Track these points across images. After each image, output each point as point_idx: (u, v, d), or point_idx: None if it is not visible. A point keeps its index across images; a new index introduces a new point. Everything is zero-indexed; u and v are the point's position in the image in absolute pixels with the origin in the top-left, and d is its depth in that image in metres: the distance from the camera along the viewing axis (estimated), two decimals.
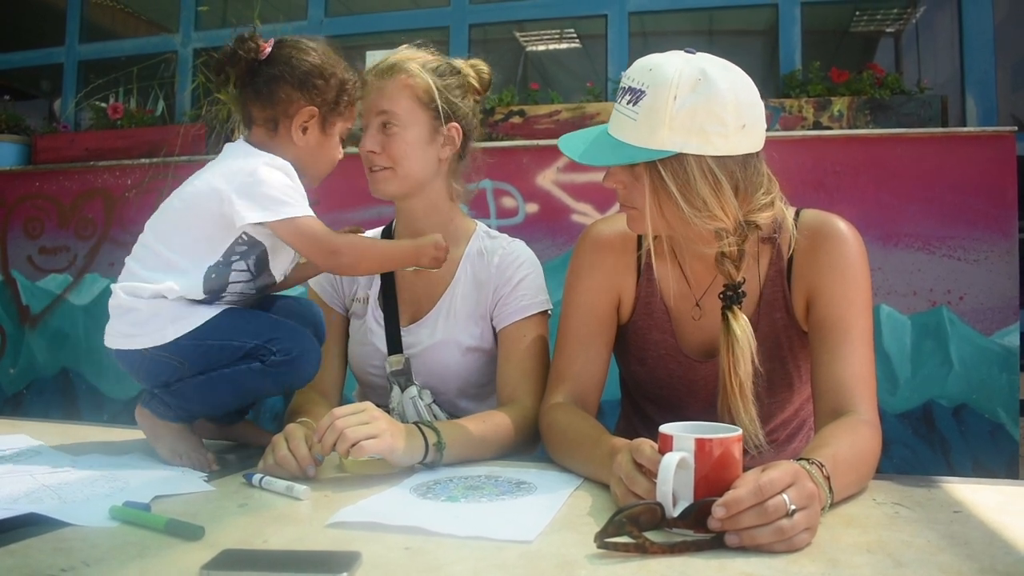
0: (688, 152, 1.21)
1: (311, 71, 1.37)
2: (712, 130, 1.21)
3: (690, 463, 0.96)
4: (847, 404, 1.26)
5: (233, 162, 1.35)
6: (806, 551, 0.91)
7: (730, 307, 1.30)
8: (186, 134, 3.50)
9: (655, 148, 1.22)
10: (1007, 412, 2.78)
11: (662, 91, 1.20)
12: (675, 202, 1.23)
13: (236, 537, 0.97)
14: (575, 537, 0.96)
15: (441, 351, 1.61)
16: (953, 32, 3.26)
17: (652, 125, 1.21)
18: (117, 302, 1.33)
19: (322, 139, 1.41)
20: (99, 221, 3.62)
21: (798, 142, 2.92)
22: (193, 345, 1.30)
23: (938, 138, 2.86)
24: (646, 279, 1.48)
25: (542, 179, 3.12)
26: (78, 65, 4.15)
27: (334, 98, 1.39)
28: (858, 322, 1.32)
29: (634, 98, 1.23)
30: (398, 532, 0.98)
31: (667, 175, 1.22)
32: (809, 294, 1.36)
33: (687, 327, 1.46)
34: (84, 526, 0.99)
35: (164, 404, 1.34)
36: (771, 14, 3.39)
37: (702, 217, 1.24)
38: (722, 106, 1.21)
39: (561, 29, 5.27)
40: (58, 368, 3.67)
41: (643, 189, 1.26)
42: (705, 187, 1.22)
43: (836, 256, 1.35)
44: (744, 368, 1.27)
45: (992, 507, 1.08)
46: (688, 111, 1.20)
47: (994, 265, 2.77)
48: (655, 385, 1.52)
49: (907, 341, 2.85)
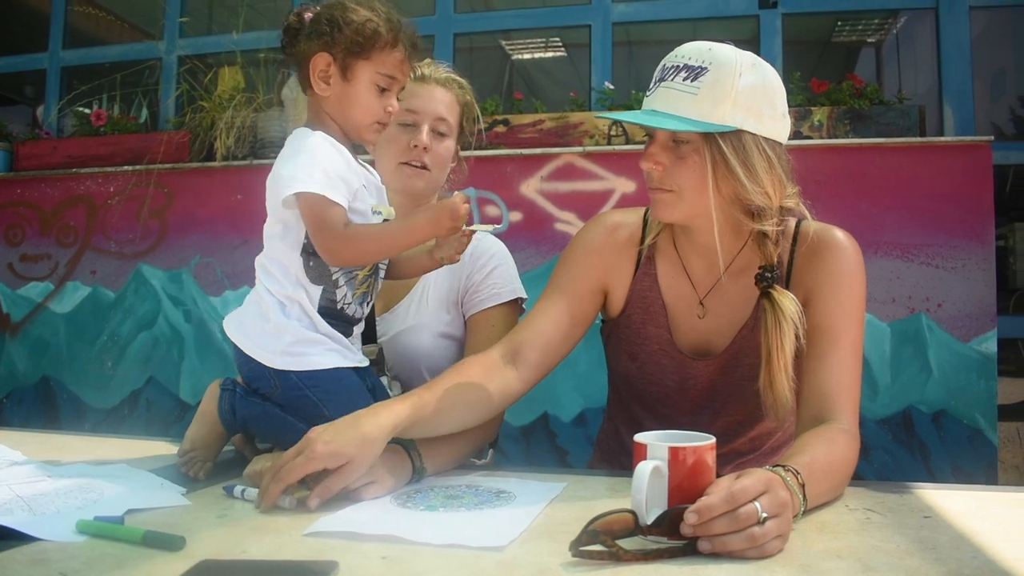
0: (747, 129, 1.27)
1: (323, 19, 1.34)
2: (766, 112, 1.29)
3: (664, 471, 0.97)
4: (829, 412, 1.27)
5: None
6: (778, 557, 0.92)
7: (771, 286, 1.33)
8: (169, 141, 3.49)
9: (718, 122, 1.27)
10: (985, 418, 2.81)
11: (727, 69, 1.27)
12: (736, 176, 1.28)
13: (215, 548, 0.97)
14: (551, 546, 0.96)
15: (412, 336, 1.63)
16: (932, 44, 3.31)
17: (715, 99, 1.26)
18: (257, 299, 1.35)
19: (345, 87, 1.35)
20: (81, 228, 3.61)
21: None
22: (292, 384, 1.31)
23: (916, 148, 2.89)
24: (644, 273, 1.49)
25: (526, 188, 3.14)
26: (61, 71, 4.14)
27: (352, 41, 1.32)
28: (849, 331, 1.34)
29: (692, 75, 1.28)
30: (375, 541, 0.99)
31: (728, 149, 1.27)
32: (805, 300, 1.38)
33: (685, 325, 1.48)
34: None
35: (232, 405, 1.35)
36: (753, 25, 3.43)
37: (757, 193, 1.29)
38: (774, 91, 1.31)
39: (546, 38, 5.30)
40: (39, 377, 3.65)
41: (691, 168, 1.30)
42: (761, 163, 1.29)
43: (833, 264, 1.38)
44: (790, 343, 1.29)
45: (962, 512, 1.10)
46: (750, 90, 1.27)
47: (971, 272, 2.81)
48: (645, 382, 1.53)
49: (887, 348, 2.87)
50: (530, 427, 3.03)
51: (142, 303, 3.51)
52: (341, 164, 1.32)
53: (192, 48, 3.90)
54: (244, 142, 3.39)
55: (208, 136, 3.44)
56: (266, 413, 1.33)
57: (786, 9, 3.37)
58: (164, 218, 3.49)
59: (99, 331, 3.56)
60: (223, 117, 3.37)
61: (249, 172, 3.35)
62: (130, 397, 3.51)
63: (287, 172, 1.28)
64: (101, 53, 4.19)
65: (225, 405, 1.36)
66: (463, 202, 1.29)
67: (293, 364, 1.30)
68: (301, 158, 1.29)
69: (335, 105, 1.36)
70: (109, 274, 3.54)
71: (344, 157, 1.34)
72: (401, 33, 1.36)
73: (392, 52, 1.35)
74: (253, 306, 1.35)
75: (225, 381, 1.38)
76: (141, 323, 3.51)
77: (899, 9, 4.13)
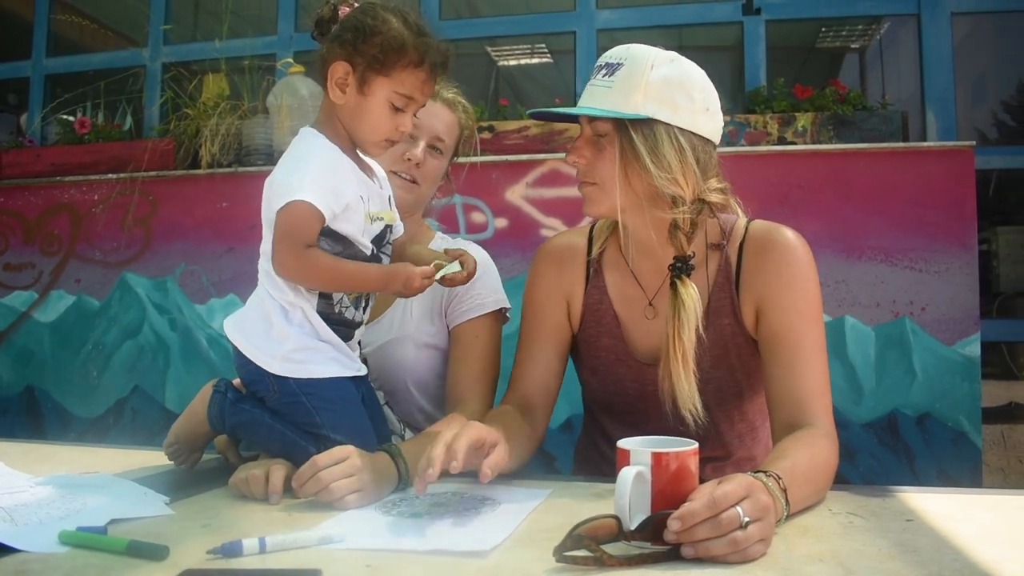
0: (659, 119, 1.31)
1: (351, 26, 1.29)
2: (681, 103, 1.32)
3: (647, 477, 0.98)
4: (804, 418, 1.28)
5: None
6: (760, 561, 0.93)
7: (679, 276, 1.35)
8: (154, 149, 3.47)
9: (630, 112, 1.30)
10: (969, 420, 2.82)
11: (639, 61, 1.33)
12: (643, 164, 1.31)
13: (199, 557, 0.97)
14: (535, 552, 0.97)
15: (397, 348, 1.64)
16: (914, 49, 3.33)
17: (627, 91, 1.32)
18: (259, 303, 1.34)
19: (360, 100, 1.31)
20: (65, 237, 3.58)
21: (763, 157, 2.97)
22: (290, 390, 1.30)
23: (899, 153, 2.91)
24: (594, 286, 1.52)
25: (511, 194, 3.14)
26: (45, 79, 4.11)
27: (374, 56, 1.28)
28: (810, 333, 1.35)
29: (610, 71, 1.35)
30: (359, 549, 0.99)
31: (637, 138, 1.32)
32: (758, 305, 1.39)
33: (638, 331, 1.49)
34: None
35: (221, 410, 1.35)
36: (737, 31, 3.45)
37: (666, 181, 1.31)
38: (691, 83, 1.34)
39: (532, 44, 5.31)
40: (23, 386, 3.62)
41: (608, 160, 1.34)
42: (671, 151, 1.31)
43: (784, 266, 1.38)
44: (688, 335, 1.32)
45: (944, 515, 1.11)
46: (662, 81, 1.31)
47: (955, 277, 2.83)
48: (607, 393, 1.54)
49: (871, 352, 2.89)
50: None
51: (127, 312, 3.49)
52: (337, 176, 1.30)
53: (176, 55, 3.88)
54: (229, 149, 3.38)
55: (193, 144, 3.43)
56: (254, 421, 1.33)
57: (770, 15, 3.39)
58: (149, 226, 3.47)
59: (84, 340, 3.54)
60: (208, 124, 3.36)
61: (234, 180, 3.33)
62: (115, 406, 3.48)
63: (280, 180, 1.28)
64: (85, 61, 4.17)
65: (214, 410, 1.36)
66: (424, 278, 1.31)
67: (293, 371, 1.30)
68: (297, 167, 1.29)
69: (347, 115, 1.34)
70: (94, 283, 3.52)
71: (343, 168, 1.32)
72: (429, 52, 1.30)
73: (415, 71, 1.31)
74: (256, 309, 1.34)
75: (218, 383, 1.38)
76: (126, 332, 3.49)
77: (882, 15, 4.16)
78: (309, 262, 1.27)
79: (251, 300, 1.36)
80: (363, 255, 1.34)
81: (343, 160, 1.33)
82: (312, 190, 1.25)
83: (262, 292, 1.34)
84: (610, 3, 3.65)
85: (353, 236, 1.32)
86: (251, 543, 0.97)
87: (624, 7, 3.65)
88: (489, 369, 1.61)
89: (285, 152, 1.34)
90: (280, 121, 3.21)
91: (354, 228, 1.32)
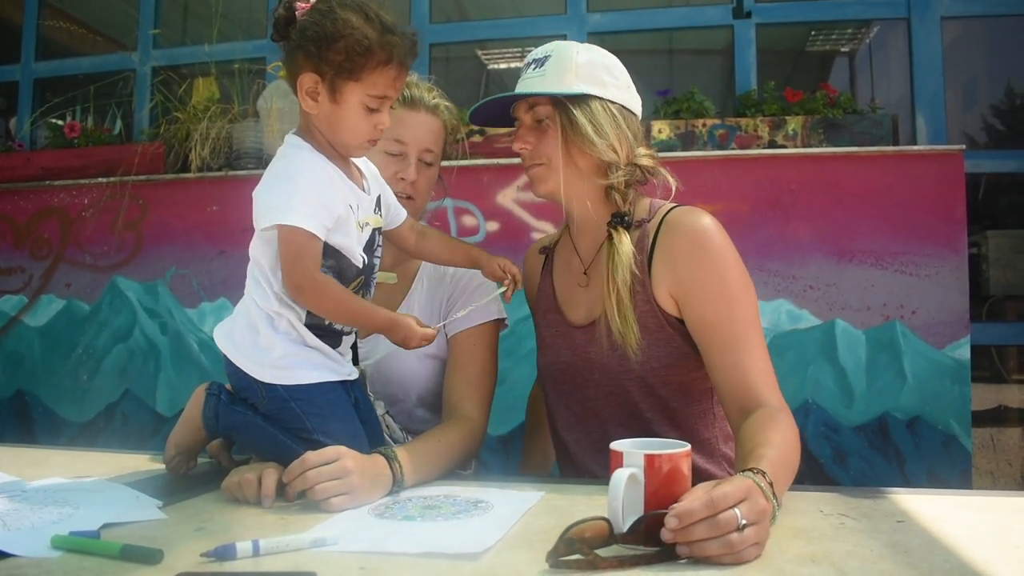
0: (593, 93, 1.45)
1: (312, 35, 1.25)
2: (608, 81, 1.48)
3: (640, 479, 0.98)
4: (755, 400, 1.32)
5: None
6: (753, 563, 0.93)
7: (615, 227, 1.47)
8: (144, 153, 3.45)
9: (566, 90, 1.45)
10: (959, 423, 2.84)
11: (565, 50, 1.49)
12: (584, 135, 1.44)
13: (193, 561, 0.96)
14: (528, 555, 0.97)
15: (398, 359, 1.63)
16: (904, 53, 3.34)
17: (559, 75, 1.46)
18: (246, 311, 1.33)
19: (334, 108, 1.29)
20: (55, 241, 3.57)
21: (754, 160, 2.97)
22: (279, 396, 1.30)
23: (889, 156, 2.93)
24: (546, 272, 1.66)
25: (502, 197, 3.14)
26: (34, 83, 4.09)
27: (340, 63, 1.25)
28: (740, 316, 1.38)
29: (539, 63, 1.49)
30: (353, 552, 0.98)
31: (577, 112, 1.45)
32: (676, 290, 1.44)
33: (573, 299, 1.58)
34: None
35: (216, 411, 1.35)
36: (727, 35, 3.46)
37: (604, 147, 1.43)
38: (612, 64, 1.51)
39: (522, 47, 5.32)
40: (13, 391, 3.60)
41: (552, 139, 1.47)
42: (608, 121, 1.46)
43: (697, 250, 1.43)
44: (622, 276, 1.42)
45: (934, 516, 1.12)
46: (588, 63, 1.48)
47: (945, 280, 2.84)
48: (548, 365, 1.62)
49: (862, 355, 2.90)
50: (508, 436, 3.03)
51: (117, 315, 3.47)
52: (325, 190, 1.29)
53: (166, 59, 3.87)
54: (219, 153, 3.37)
55: (183, 147, 3.42)
56: (249, 423, 1.33)
57: (760, 19, 3.41)
58: (139, 230, 3.46)
59: (74, 344, 3.52)
60: (198, 128, 3.35)
61: (224, 183, 3.33)
62: (106, 410, 3.47)
63: (267, 200, 1.27)
64: (74, 64, 4.15)
65: (209, 411, 1.36)
66: (421, 339, 1.34)
67: (280, 378, 1.30)
68: (284, 186, 1.27)
69: (324, 123, 1.32)
70: (84, 287, 3.50)
71: (331, 178, 1.31)
72: (396, 48, 1.27)
73: (385, 71, 1.28)
74: (243, 317, 1.34)
75: (211, 385, 1.38)
76: (117, 336, 3.47)
77: (872, 19, 4.18)
78: (322, 290, 1.28)
79: (238, 308, 1.36)
80: (355, 267, 1.34)
81: (328, 169, 1.32)
82: (302, 212, 1.24)
83: (248, 300, 1.34)
84: (601, 6, 3.65)
85: (348, 249, 1.32)
86: (244, 546, 0.97)
87: (615, 11, 3.65)
88: (486, 377, 1.62)
89: (272, 161, 1.33)
90: (270, 124, 3.21)
91: (349, 241, 1.32)
